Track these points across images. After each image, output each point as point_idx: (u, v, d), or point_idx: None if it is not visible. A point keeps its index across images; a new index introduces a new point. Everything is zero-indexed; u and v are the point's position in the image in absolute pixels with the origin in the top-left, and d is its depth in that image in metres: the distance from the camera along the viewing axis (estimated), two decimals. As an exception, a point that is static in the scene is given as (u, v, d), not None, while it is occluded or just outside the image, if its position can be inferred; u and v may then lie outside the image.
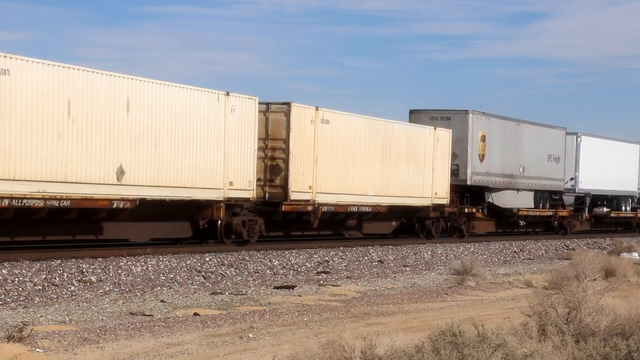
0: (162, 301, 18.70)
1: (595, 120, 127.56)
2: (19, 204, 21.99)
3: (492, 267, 31.01)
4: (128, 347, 12.73)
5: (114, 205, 24.55)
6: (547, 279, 22.28)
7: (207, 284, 22.40)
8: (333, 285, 22.61)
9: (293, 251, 29.68)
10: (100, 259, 23.56)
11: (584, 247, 39.53)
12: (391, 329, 14.83)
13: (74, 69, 23.58)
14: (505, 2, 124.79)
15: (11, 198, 21.68)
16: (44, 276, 20.59)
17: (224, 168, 28.05)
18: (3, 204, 21.58)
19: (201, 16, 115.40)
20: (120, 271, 22.32)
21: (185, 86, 27.04)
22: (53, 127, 22.80)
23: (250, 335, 14.09)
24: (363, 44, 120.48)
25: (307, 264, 27.65)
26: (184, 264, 24.41)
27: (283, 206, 30.63)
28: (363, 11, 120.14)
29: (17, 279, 19.93)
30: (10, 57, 21.95)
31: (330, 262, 28.64)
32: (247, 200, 29.22)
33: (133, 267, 22.97)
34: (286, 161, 30.76)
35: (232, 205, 28.80)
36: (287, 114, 30.62)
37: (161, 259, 24.76)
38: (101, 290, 20.06)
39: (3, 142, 21.54)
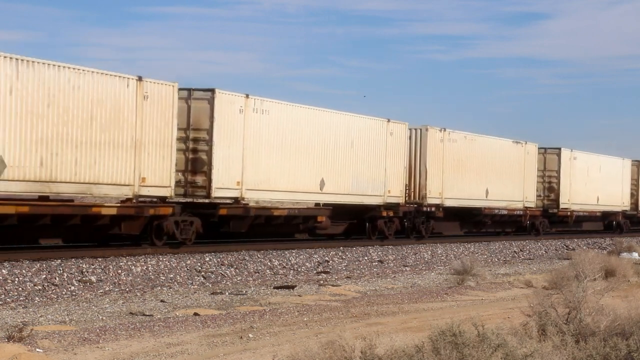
0: (162, 301, 18.70)
1: (595, 120, 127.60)
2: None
3: (492, 267, 31.02)
4: (128, 347, 12.72)
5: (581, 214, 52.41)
6: (547, 279, 22.29)
7: (207, 284, 22.40)
8: (333, 285, 22.61)
9: (293, 251, 29.69)
10: (100, 259, 23.57)
11: (584, 247, 39.54)
12: (391, 329, 14.83)
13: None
14: (505, 2, 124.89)
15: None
16: (44, 276, 20.59)
17: (621, 195, 55.92)
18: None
19: (201, 16, 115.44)
20: (120, 271, 22.32)
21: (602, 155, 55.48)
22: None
23: (250, 335, 14.09)
24: (363, 44, 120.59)
25: (307, 264, 27.65)
26: (184, 264, 24.42)
27: None
28: (364, 11, 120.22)
29: (17, 279, 19.93)
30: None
31: (330, 262, 28.64)
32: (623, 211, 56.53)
33: (133, 267, 22.98)
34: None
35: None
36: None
37: (161, 259, 24.76)
38: (101, 290, 20.05)
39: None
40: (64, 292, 19.39)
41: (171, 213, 26.96)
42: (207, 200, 28.54)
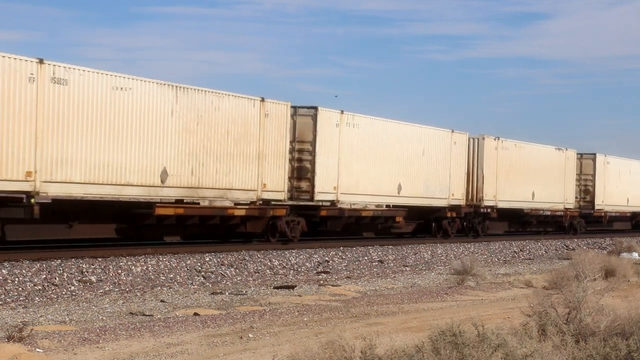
0: (162, 301, 18.69)
1: (596, 120, 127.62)
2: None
3: (492, 267, 31.00)
4: (128, 347, 12.72)
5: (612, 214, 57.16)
6: (547, 279, 22.27)
7: (207, 284, 22.40)
8: (333, 285, 22.61)
9: (293, 251, 29.70)
10: (100, 259, 23.58)
11: (584, 247, 39.53)
12: (391, 329, 14.83)
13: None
14: (505, 2, 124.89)
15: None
16: (44, 276, 20.59)
17: None
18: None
19: (202, 16, 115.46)
20: (120, 271, 22.32)
21: None
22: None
23: (250, 335, 14.09)
24: (364, 44, 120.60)
25: (307, 264, 27.65)
26: (184, 264, 24.42)
27: None
28: (364, 11, 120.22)
29: (17, 279, 19.93)
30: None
31: (330, 262, 28.64)
32: None
33: (133, 267, 22.98)
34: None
35: None
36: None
37: (161, 259, 24.77)
38: (101, 290, 20.05)
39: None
40: (64, 292, 19.39)
41: (285, 214, 31.46)
42: (311, 203, 32.82)
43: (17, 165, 22.44)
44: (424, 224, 41.03)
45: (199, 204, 28.62)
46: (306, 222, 32.65)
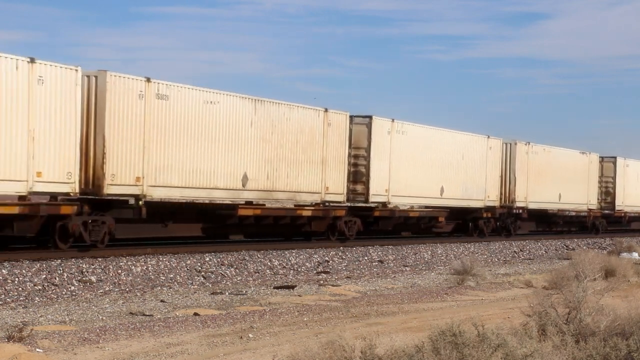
0: (162, 301, 18.69)
1: (595, 120, 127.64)
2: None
3: (492, 267, 31.00)
4: (128, 347, 12.72)
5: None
6: (547, 279, 22.27)
7: (207, 284, 22.39)
8: (333, 285, 22.61)
9: (293, 251, 29.69)
10: (100, 259, 23.57)
11: (584, 247, 39.53)
12: (391, 329, 14.83)
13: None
14: (505, 2, 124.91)
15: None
16: (44, 276, 20.59)
17: None
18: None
19: (202, 16, 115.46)
20: (120, 271, 22.32)
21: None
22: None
23: (250, 335, 14.09)
24: (364, 44, 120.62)
25: (307, 264, 27.64)
26: (184, 264, 24.41)
27: None
28: (364, 11, 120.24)
29: (17, 279, 19.93)
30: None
31: (330, 262, 28.63)
32: None
33: (133, 267, 22.97)
34: None
35: None
36: None
37: (161, 259, 24.76)
38: (101, 290, 20.05)
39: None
40: (64, 292, 19.39)
41: (344, 214, 34.12)
42: (366, 205, 35.46)
43: (129, 172, 25.38)
44: (461, 224, 43.61)
45: (264, 205, 31.01)
46: (362, 222, 35.24)
